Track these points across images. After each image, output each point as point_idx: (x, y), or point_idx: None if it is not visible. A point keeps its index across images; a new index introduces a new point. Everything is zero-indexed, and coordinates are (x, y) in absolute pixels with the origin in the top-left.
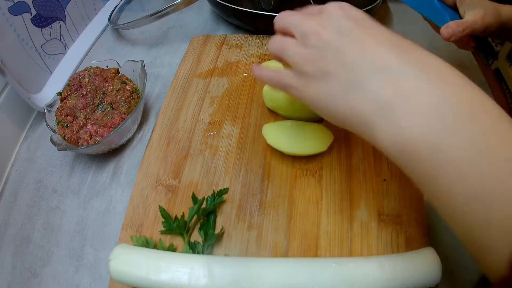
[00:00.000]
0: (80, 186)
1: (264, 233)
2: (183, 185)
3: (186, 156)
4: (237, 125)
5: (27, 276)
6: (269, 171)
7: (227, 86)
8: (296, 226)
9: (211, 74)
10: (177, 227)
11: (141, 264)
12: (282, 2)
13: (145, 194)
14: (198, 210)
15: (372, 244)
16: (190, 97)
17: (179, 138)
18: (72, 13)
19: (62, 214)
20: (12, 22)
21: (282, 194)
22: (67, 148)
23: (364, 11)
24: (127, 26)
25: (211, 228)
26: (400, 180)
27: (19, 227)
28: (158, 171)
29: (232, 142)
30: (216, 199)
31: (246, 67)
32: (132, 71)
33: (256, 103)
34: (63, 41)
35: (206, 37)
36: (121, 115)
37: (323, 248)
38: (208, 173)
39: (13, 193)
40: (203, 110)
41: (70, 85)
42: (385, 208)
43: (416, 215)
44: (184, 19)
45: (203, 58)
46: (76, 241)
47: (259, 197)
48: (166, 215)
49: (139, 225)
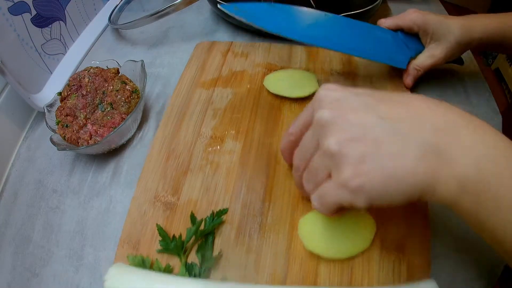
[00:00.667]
0: (80, 186)
1: (263, 258)
2: (182, 203)
3: (186, 172)
4: (240, 141)
5: (27, 276)
6: (271, 191)
7: (230, 98)
8: (296, 252)
9: (215, 84)
10: (175, 247)
11: (136, 287)
12: (282, 2)
13: (143, 210)
14: (196, 232)
15: (373, 272)
16: (193, 108)
17: (180, 152)
18: (72, 13)
19: (62, 214)
20: (12, 22)
21: (284, 217)
22: (67, 148)
23: (364, 11)
24: (127, 26)
25: (209, 250)
26: (406, 206)
27: (19, 227)
28: (157, 186)
29: (233, 159)
30: (215, 219)
31: (251, 77)
32: (132, 71)
33: (260, 117)
34: (63, 41)
35: (211, 44)
36: (121, 115)
37: (322, 276)
38: (208, 191)
39: (13, 193)
40: (205, 123)
41: (70, 85)
42: (388, 234)
43: (420, 243)
44: (184, 19)
45: (207, 66)
46: (76, 241)
47: (259, 219)
48: (164, 234)
49: (136, 242)
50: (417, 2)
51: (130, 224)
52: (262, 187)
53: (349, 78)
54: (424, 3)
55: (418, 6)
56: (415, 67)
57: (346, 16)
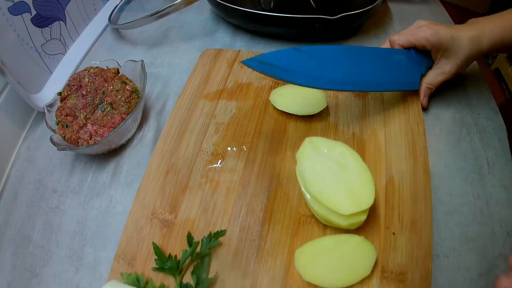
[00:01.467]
0: (80, 186)
1: (259, 283)
2: (179, 221)
3: (185, 189)
4: (242, 159)
5: (27, 276)
6: (271, 214)
7: (234, 112)
8: (293, 279)
9: (219, 96)
10: (170, 267)
11: None
12: (282, 2)
13: (139, 226)
14: (192, 254)
15: None
16: (195, 121)
17: (179, 168)
18: (72, 13)
19: (62, 214)
20: (12, 22)
21: (283, 242)
22: (67, 148)
23: (364, 11)
24: (127, 26)
25: (204, 272)
26: (410, 234)
27: (19, 227)
28: (154, 202)
29: (234, 178)
30: (212, 241)
31: (257, 90)
32: (132, 71)
33: (264, 134)
34: (63, 41)
35: (217, 52)
36: (121, 115)
37: None
38: (206, 211)
39: (13, 193)
40: (207, 137)
41: (70, 85)
42: (390, 263)
43: (421, 273)
44: (184, 19)
45: (213, 76)
46: (76, 241)
47: (257, 243)
48: (160, 253)
49: (131, 258)
50: (417, 2)
51: (127, 240)
52: (262, 209)
53: (360, 96)
54: (424, 3)
55: (418, 6)
56: (427, 85)
57: (346, 16)
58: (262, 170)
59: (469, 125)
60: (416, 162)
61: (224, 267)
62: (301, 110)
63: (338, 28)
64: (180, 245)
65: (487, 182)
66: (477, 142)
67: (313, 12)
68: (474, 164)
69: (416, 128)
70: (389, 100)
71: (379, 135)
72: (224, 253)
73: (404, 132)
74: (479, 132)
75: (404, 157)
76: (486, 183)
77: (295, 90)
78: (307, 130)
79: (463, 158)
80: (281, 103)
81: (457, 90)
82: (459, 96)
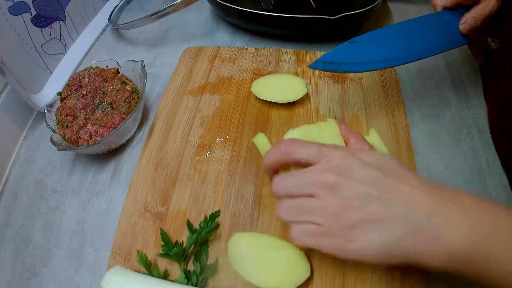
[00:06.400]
0: (80, 186)
1: None
2: (171, 213)
3: (175, 182)
4: (228, 149)
5: (27, 276)
6: (260, 199)
7: (218, 105)
8: None
9: (202, 90)
10: (175, 254)
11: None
12: (282, 2)
13: (133, 221)
14: (197, 238)
15: (366, 278)
16: (180, 117)
17: (168, 162)
18: (72, 13)
19: (62, 214)
20: (12, 22)
21: (273, 224)
22: (67, 148)
23: (364, 11)
24: (127, 26)
25: (203, 260)
26: None
27: (19, 227)
28: (146, 197)
29: (222, 167)
30: (209, 224)
31: (239, 83)
32: (132, 71)
33: (249, 123)
34: (63, 41)
35: (198, 49)
36: (121, 115)
37: (314, 282)
38: (196, 201)
39: (13, 193)
40: (193, 131)
41: (70, 85)
42: None
43: None
44: (184, 19)
45: (195, 73)
46: (76, 241)
47: (249, 227)
48: (167, 239)
49: (127, 253)
50: (417, 2)
51: (121, 236)
52: (251, 195)
53: (339, 81)
54: (424, 3)
55: (418, 6)
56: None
57: (346, 16)
58: (248, 157)
59: (469, 125)
60: (399, 142)
61: (219, 254)
62: (282, 98)
63: (338, 28)
64: (174, 235)
65: (487, 182)
66: (477, 142)
67: (313, 12)
68: (474, 164)
69: (396, 108)
70: (367, 83)
71: (360, 117)
72: (218, 239)
73: (385, 113)
74: (479, 132)
75: (386, 137)
76: (486, 183)
77: (276, 80)
78: (290, 117)
79: (463, 158)
80: (263, 93)
81: (458, 90)
82: (459, 96)
